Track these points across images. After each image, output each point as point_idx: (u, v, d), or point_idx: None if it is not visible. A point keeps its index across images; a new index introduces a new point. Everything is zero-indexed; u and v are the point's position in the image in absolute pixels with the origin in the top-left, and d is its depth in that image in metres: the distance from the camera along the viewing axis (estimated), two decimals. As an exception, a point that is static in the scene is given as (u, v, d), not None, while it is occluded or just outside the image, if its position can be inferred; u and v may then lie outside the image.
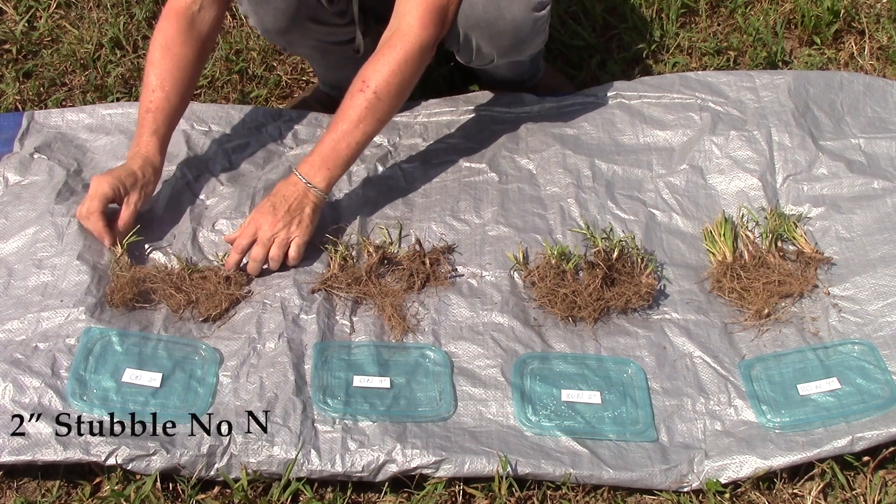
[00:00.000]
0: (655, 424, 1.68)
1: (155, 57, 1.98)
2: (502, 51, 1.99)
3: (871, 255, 1.93)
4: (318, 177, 1.91)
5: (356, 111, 1.88)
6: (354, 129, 1.89)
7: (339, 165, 1.92)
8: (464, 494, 1.62)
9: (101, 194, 1.88)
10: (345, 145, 1.90)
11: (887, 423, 1.63)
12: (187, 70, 2.00)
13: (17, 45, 2.57)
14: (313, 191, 1.91)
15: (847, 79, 2.29)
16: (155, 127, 1.97)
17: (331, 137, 1.91)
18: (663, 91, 2.27)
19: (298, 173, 1.92)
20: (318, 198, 1.93)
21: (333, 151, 1.91)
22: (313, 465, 1.60)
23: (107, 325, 1.78)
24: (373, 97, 1.87)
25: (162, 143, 1.99)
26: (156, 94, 1.97)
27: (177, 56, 1.98)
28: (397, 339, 1.81)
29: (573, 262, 1.90)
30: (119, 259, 1.87)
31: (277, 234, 1.89)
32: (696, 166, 2.13)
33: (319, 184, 1.91)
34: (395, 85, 1.88)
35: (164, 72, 1.97)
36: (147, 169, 1.95)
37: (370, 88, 1.87)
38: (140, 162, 1.95)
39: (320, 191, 1.92)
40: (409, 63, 1.87)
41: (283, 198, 1.91)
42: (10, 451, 1.58)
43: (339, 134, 1.90)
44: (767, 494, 1.62)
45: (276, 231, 1.88)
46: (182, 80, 2.00)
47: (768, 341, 1.81)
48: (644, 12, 2.65)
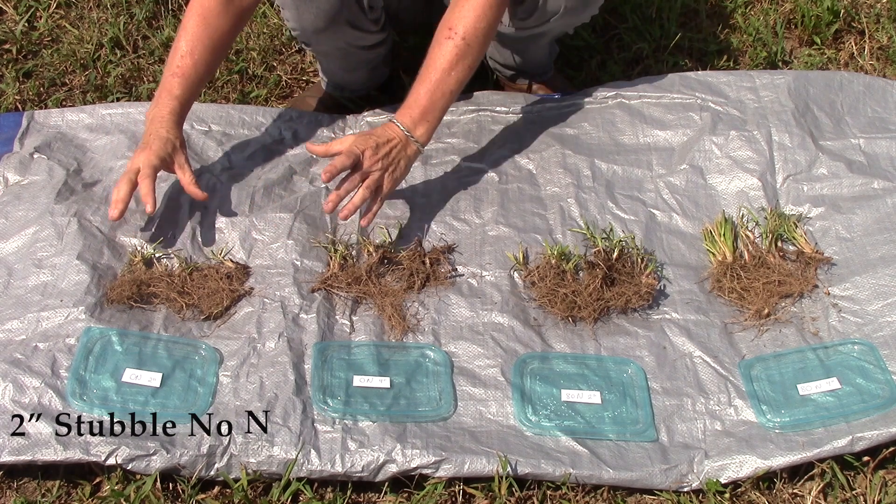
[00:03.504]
0: (655, 424, 1.68)
1: (189, 24, 1.95)
2: (573, 2, 2.01)
3: (871, 255, 1.93)
4: (419, 129, 1.91)
5: (447, 59, 1.88)
6: (447, 77, 1.89)
7: (437, 116, 1.93)
8: (464, 494, 1.62)
9: (152, 165, 1.87)
10: (440, 95, 1.90)
11: (887, 423, 1.63)
12: (220, 42, 1.99)
13: (17, 45, 2.56)
14: (414, 143, 1.92)
15: (847, 79, 2.29)
16: (179, 92, 1.95)
17: (425, 88, 1.90)
18: (663, 91, 2.27)
19: (400, 123, 1.90)
20: (415, 152, 1.93)
21: (431, 102, 1.90)
22: (313, 465, 1.60)
23: (107, 324, 1.78)
24: (462, 43, 1.88)
25: (183, 109, 1.97)
26: (184, 61, 1.94)
27: (211, 27, 1.95)
28: (397, 338, 1.81)
29: (573, 262, 1.90)
30: (135, 265, 1.88)
31: (373, 172, 1.87)
32: (696, 166, 2.13)
33: (421, 137, 1.92)
34: (481, 29, 1.88)
35: (197, 40, 1.95)
36: (174, 131, 1.94)
37: (458, 35, 1.87)
38: (166, 126, 1.92)
39: (420, 144, 1.92)
40: (493, 6, 1.88)
41: (387, 140, 1.89)
42: (10, 451, 1.58)
43: (434, 83, 1.89)
44: (767, 494, 1.62)
45: (373, 168, 1.87)
46: (213, 51, 1.98)
47: (768, 341, 1.81)
48: (644, 12, 2.65)
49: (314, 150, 1.96)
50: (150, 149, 1.89)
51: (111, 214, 1.85)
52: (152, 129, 1.93)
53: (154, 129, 1.92)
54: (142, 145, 1.91)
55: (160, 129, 1.92)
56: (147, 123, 1.95)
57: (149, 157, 1.87)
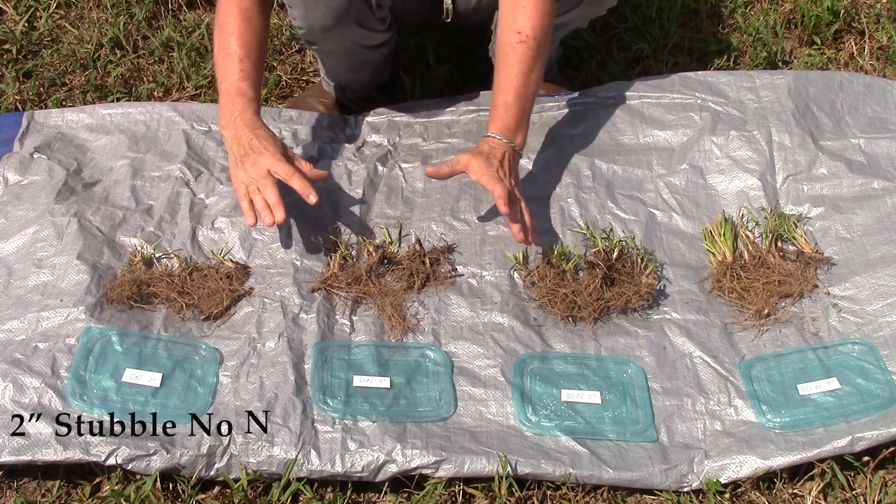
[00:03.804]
0: (655, 424, 1.68)
1: (235, 27, 1.94)
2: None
3: (871, 255, 1.93)
4: (518, 137, 1.95)
5: (525, 62, 1.90)
6: (528, 80, 1.92)
7: (527, 120, 1.97)
8: (464, 494, 1.62)
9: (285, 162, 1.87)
10: (526, 99, 1.93)
11: (887, 423, 1.63)
12: (265, 40, 1.99)
13: (17, 45, 2.56)
14: (517, 152, 1.95)
15: (847, 79, 2.29)
16: (253, 94, 1.94)
17: (513, 96, 1.92)
18: (663, 91, 2.27)
19: (501, 136, 1.92)
20: (518, 157, 1.97)
21: (522, 109, 1.93)
22: (313, 465, 1.60)
23: (107, 324, 1.78)
24: (535, 44, 1.90)
25: (259, 107, 1.96)
26: (245, 64, 1.93)
27: (255, 26, 1.95)
28: (397, 338, 1.81)
29: (573, 262, 1.90)
30: (135, 265, 1.88)
31: (514, 188, 1.91)
32: (696, 166, 2.13)
33: (520, 144, 1.96)
34: (547, 26, 1.91)
35: (247, 42, 1.94)
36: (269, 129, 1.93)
37: (530, 37, 1.89)
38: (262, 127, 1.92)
39: (520, 150, 1.96)
40: (551, 1, 1.91)
41: (500, 158, 1.91)
42: (10, 451, 1.58)
43: (519, 89, 1.92)
44: (767, 494, 1.62)
45: (512, 186, 1.90)
46: (263, 49, 1.99)
47: (768, 341, 1.81)
48: (644, 12, 2.65)
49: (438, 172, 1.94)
50: (267, 150, 1.87)
51: (277, 217, 1.82)
52: (246, 134, 1.89)
53: (251, 133, 1.89)
54: (250, 150, 1.88)
55: (258, 131, 1.90)
56: (231, 131, 1.91)
57: (276, 157, 1.86)
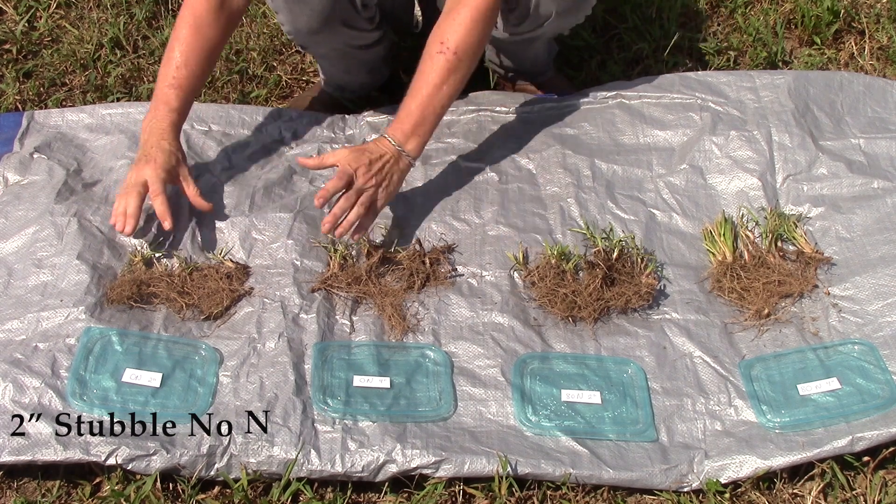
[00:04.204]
0: (655, 424, 1.68)
1: (183, 33, 1.95)
2: (564, 5, 2.00)
3: (871, 255, 1.93)
4: (410, 143, 1.91)
5: (438, 73, 1.88)
6: (438, 91, 1.89)
7: (428, 130, 1.93)
8: (464, 494, 1.62)
9: (161, 179, 1.88)
10: (431, 110, 1.90)
11: (887, 423, 1.63)
12: (213, 50, 2.00)
13: (17, 45, 2.56)
14: (406, 157, 1.92)
15: (847, 79, 2.29)
16: (177, 104, 1.96)
17: (417, 102, 1.90)
18: (663, 91, 2.27)
19: (390, 138, 1.91)
20: (407, 165, 1.94)
21: (422, 117, 1.90)
22: (313, 465, 1.60)
23: (107, 324, 1.78)
24: (453, 58, 1.87)
25: (181, 120, 1.98)
26: (180, 72, 1.95)
27: (204, 36, 1.96)
28: (397, 338, 1.81)
29: (573, 262, 1.90)
30: (135, 265, 1.88)
31: (367, 189, 1.88)
32: (696, 166, 2.13)
33: (412, 150, 1.92)
34: (472, 43, 1.88)
35: (191, 50, 1.95)
36: (175, 143, 1.95)
37: (450, 49, 1.87)
38: (168, 139, 1.93)
39: (412, 158, 1.93)
40: (484, 18, 1.88)
41: (379, 155, 1.90)
42: (10, 451, 1.58)
43: (425, 98, 1.89)
44: (767, 494, 1.62)
45: (367, 185, 1.88)
46: (207, 60, 1.99)
47: (768, 341, 1.81)
48: (644, 12, 2.65)
49: (306, 163, 1.97)
50: (156, 162, 1.89)
51: (125, 230, 1.85)
52: (153, 141, 1.93)
53: (155, 141, 1.92)
54: (144, 157, 1.91)
55: (162, 141, 1.92)
56: (145, 134, 1.95)
57: (156, 172, 1.88)
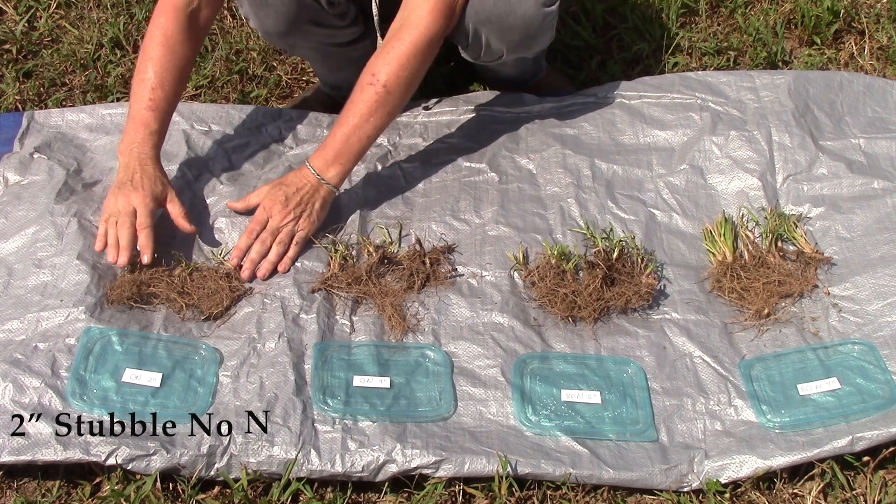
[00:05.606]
0: (655, 424, 1.68)
1: (155, 53, 1.95)
2: (512, 46, 1.99)
3: (871, 255, 1.93)
4: (330, 171, 1.92)
5: (366, 105, 1.89)
6: (365, 122, 1.90)
7: (351, 160, 1.94)
8: (464, 494, 1.62)
9: (150, 211, 1.87)
10: (356, 139, 1.91)
11: (887, 423, 1.63)
12: (185, 68, 2.00)
13: (17, 45, 2.56)
14: (325, 186, 1.93)
15: (847, 79, 2.29)
16: (157, 126, 1.96)
17: (342, 132, 1.91)
18: (663, 91, 2.27)
19: (311, 167, 1.92)
20: (328, 193, 1.94)
21: (345, 146, 1.91)
22: (313, 465, 1.60)
23: (106, 324, 1.78)
24: (382, 90, 1.88)
25: (161, 141, 1.99)
26: (156, 93, 1.95)
27: (177, 55, 1.96)
28: (397, 338, 1.81)
29: (573, 262, 1.90)
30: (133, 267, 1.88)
31: (285, 225, 1.90)
32: (696, 166, 2.13)
33: (332, 179, 1.93)
34: (404, 77, 1.88)
35: (165, 70, 1.95)
36: (159, 166, 1.95)
37: (380, 82, 1.87)
38: (151, 163, 1.93)
39: (332, 186, 1.94)
40: (418, 55, 1.87)
41: (296, 189, 1.92)
42: (10, 451, 1.58)
43: (350, 128, 1.90)
44: (767, 494, 1.62)
45: (286, 223, 1.90)
46: (180, 78, 1.99)
47: (768, 341, 1.81)
48: (644, 12, 2.65)
49: (234, 206, 2.01)
50: (144, 190, 1.88)
51: (119, 261, 1.83)
52: (136, 166, 1.91)
53: (139, 167, 1.91)
54: (129, 183, 1.88)
55: (146, 167, 1.91)
56: (125, 158, 1.93)
57: (145, 201, 1.87)
